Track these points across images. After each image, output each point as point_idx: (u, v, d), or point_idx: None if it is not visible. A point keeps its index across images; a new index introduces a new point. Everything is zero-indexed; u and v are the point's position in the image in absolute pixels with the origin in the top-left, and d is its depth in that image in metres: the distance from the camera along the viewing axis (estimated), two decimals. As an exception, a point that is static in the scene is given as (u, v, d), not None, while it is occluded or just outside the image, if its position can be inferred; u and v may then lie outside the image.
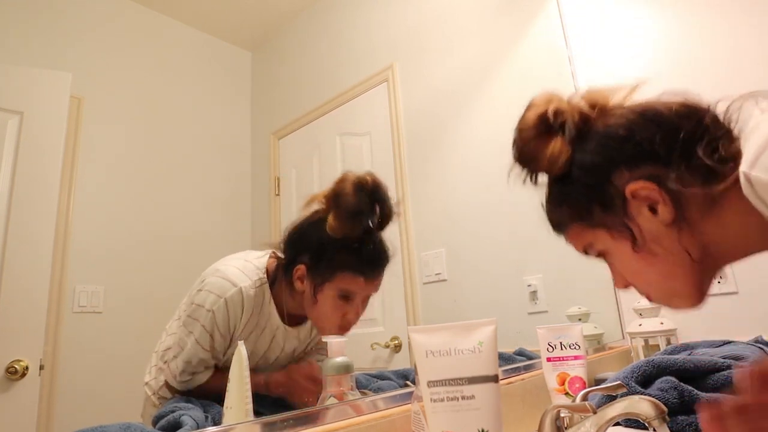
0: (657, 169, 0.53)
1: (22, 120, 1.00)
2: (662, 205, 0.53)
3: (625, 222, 0.56)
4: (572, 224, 0.62)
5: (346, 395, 0.69)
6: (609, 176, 0.56)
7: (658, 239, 0.55)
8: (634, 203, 0.55)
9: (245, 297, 0.85)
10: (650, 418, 0.50)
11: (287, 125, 1.71)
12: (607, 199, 0.57)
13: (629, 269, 0.60)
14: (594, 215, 0.58)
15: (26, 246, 0.96)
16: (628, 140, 0.55)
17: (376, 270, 0.87)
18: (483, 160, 1.57)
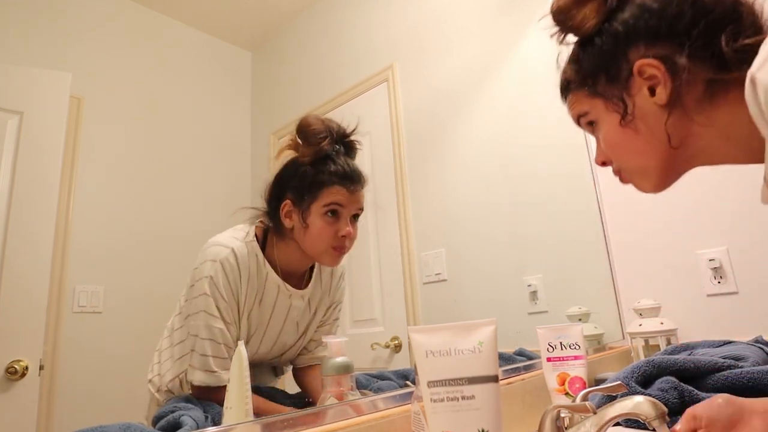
0: (672, 48, 0.54)
1: (22, 120, 1.00)
2: (662, 87, 0.55)
3: (623, 96, 0.58)
4: (576, 89, 0.64)
5: (346, 395, 0.69)
6: (626, 48, 0.57)
7: (646, 118, 0.57)
8: (638, 80, 0.56)
9: (239, 256, 0.87)
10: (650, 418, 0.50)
11: (287, 125, 1.71)
12: (614, 70, 0.58)
13: (611, 142, 0.62)
14: (598, 83, 0.60)
15: (26, 246, 0.96)
16: (657, 13, 0.56)
17: (354, 181, 0.91)
18: (483, 160, 1.57)
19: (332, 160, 0.90)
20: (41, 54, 1.10)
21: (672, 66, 0.54)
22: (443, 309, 1.50)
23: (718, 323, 1.23)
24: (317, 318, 1.00)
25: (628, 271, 1.41)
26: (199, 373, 0.82)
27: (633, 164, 0.62)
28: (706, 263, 1.24)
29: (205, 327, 0.83)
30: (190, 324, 0.85)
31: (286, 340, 0.96)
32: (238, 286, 0.86)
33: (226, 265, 0.85)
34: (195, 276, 0.86)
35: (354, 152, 0.95)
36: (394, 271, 1.54)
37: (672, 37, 0.54)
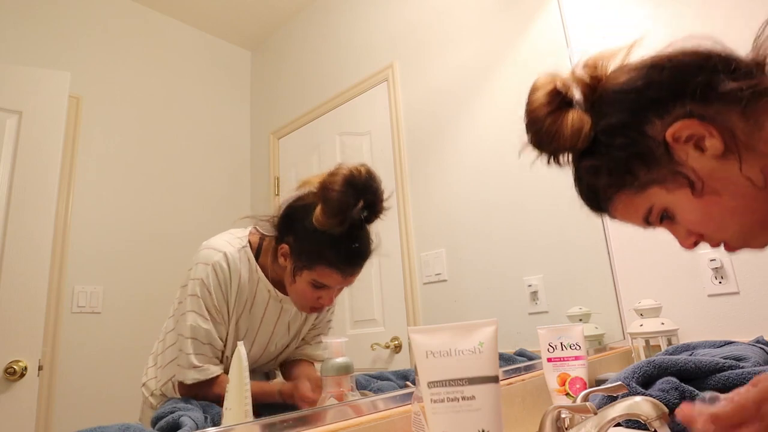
0: (688, 106, 0.51)
1: (20, 119, 1.00)
2: (709, 137, 0.50)
3: (677, 169, 0.52)
4: (618, 195, 0.58)
5: (346, 396, 0.69)
6: (641, 130, 0.53)
7: (716, 175, 0.51)
8: (679, 147, 0.52)
9: (231, 260, 0.86)
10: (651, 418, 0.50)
11: (287, 125, 1.71)
12: (648, 154, 0.53)
13: (696, 219, 0.54)
14: (639, 176, 0.54)
15: (25, 246, 0.95)
16: (649, 87, 0.54)
17: (354, 267, 0.88)
18: (483, 160, 1.56)
19: (342, 241, 0.83)
20: (40, 53, 1.10)
21: (702, 116, 0.50)
22: (443, 309, 1.50)
23: (719, 323, 1.22)
24: (309, 321, 1.01)
25: (628, 271, 1.41)
26: (186, 371, 0.83)
27: (734, 228, 0.54)
28: (707, 263, 1.24)
29: (191, 327, 0.83)
30: (179, 325, 0.86)
31: (277, 343, 0.97)
32: (229, 289, 0.86)
33: (217, 268, 0.85)
34: (188, 277, 0.87)
35: (376, 218, 0.89)
36: (394, 272, 1.54)
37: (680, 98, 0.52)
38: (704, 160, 0.51)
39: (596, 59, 0.60)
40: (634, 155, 0.54)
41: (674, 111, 0.52)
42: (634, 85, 0.55)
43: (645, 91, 0.54)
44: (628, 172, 0.55)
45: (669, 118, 0.52)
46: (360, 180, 0.84)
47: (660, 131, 0.52)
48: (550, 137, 0.58)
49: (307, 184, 0.88)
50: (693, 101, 0.51)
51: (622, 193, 0.57)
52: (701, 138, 0.51)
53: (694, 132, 0.51)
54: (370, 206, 0.86)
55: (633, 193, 0.56)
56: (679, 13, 1.41)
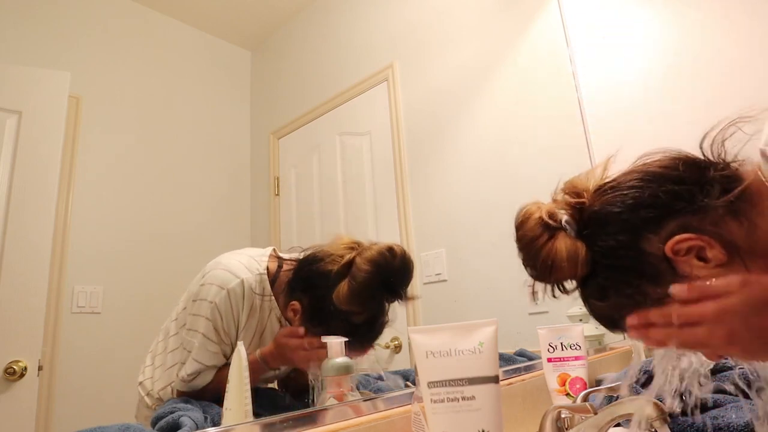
0: (681, 220, 0.52)
1: (20, 119, 1.00)
2: (709, 248, 0.51)
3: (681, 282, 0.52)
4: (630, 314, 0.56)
5: (346, 396, 0.69)
6: (639, 248, 0.53)
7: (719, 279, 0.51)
8: (681, 260, 0.52)
9: (246, 288, 0.85)
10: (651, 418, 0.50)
11: (287, 125, 1.71)
12: (650, 270, 0.53)
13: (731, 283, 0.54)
14: (649, 293, 0.53)
15: (24, 246, 0.95)
16: (640, 206, 0.54)
17: (365, 348, 0.85)
18: (483, 160, 1.56)
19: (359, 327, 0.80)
20: (40, 53, 1.10)
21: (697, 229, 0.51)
22: (443, 309, 1.50)
23: (719, 323, 1.22)
24: None
25: (628, 271, 1.41)
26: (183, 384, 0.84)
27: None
28: (707, 263, 1.24)
29: (200, 348, 0.83)
30: (186, 339, 0.86)
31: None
32: (240, 317, 0.86)
33: (232, 295, 0.84)
34: (200, 294, 0.85)
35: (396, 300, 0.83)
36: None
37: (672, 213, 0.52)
38: (709, 270, 0.51)
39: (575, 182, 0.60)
40: (638, 273, 0.54)
41: (668, 226, 0.52)
42: (624, 205, 0.55)
43: (636, 210, 0.54)
44: (638, 292, 0.54)
45: (664, 233, 0.52)
46: (394, 266, 0.80)
47: (657, 247, 0.52)
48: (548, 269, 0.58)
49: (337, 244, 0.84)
50: (684, 214, 0.52)
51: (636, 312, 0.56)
52: (701, 249, 0.51)
53: (693, 245, 0.51)
54: (397, 294, 0.82)
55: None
56: (679, 13, 1.41)
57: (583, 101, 1.59)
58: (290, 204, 1.62)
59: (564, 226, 0.58)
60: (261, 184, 1.58)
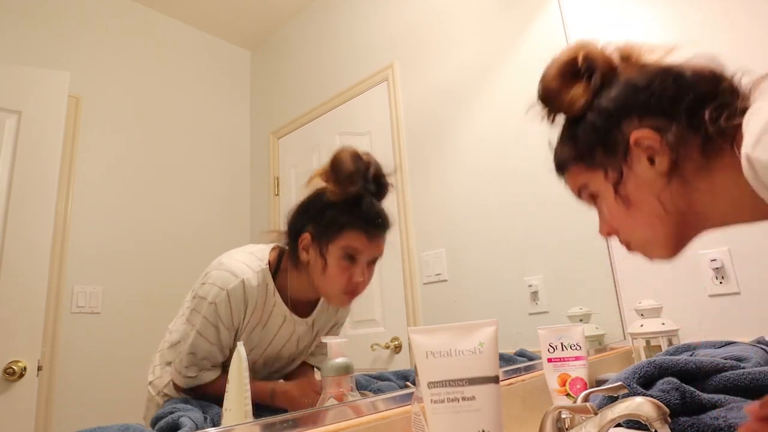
0: (663, 122, 0.55)
1: (20, 119, 1.00)
2: (660, 155, 0.55)
3: (622, 166, 0.59)
4: (574, 164, 0.65)
5: (346, 396, 0.69)
6: (620, 122, 0.58)
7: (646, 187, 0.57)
8: (636, 151, 0.57)
9: (247, 288, 0.86)
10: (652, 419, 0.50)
11: (287, 125, 1.71)
12: (611, 143, 0.59)
13: (615, 214, 0.62)
14: (596, 156, 0.61)
15: (24, 246, 0.95)
16: (645, 90, 0.58)
17: (377, 229, 0.90)
18: (484, 160, 1.56)
19: (358, 204, 0.88)
20: (39, 53, 1.10)
21: (667, 136, 0.55)
22: (444, 309, 1.50)
23: (720, 324, 1.22)
24: (318, 337, 1.01)
25: (629, 271, 1.41)
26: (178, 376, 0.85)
27: (639, 235, 0.62)
28: (708, 263, 1.24)
29: (193, 342, 0.84)
30: (184, 336, 0.86)
31: (285, 358, 0.97)
32: (241, 316, 0.86)
33: (232, 296, 0.85)
34: (201, 293, 0.86)
35: (384, 194, 0.93)
36: (394, 272, 1.54)
37: (661, 110, 0.56)
38: (648, 172, 0.57)
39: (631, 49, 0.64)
40: (602, 139, 0.60)
41: (650, 120, 0.57)
42: (636, 83, 0.59)
43: (640, 93, 0.58)
44: (590, 151, 0.62)
45: (644, 123, 0.57)
46: (362, 156, 0.90)
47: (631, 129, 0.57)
48: (552, 97, 0.65)
49: (313, 178, 0.90)
50: (668, 119, 0.55)
51: (577, 164, 0.64)
52: (655, 153, 0.56)
53: (651, 145, 0.56)
54: (375, 179, 0.91)
55: (583, 168, 0.63)
56: (679, 13, 1.41)
57: (583, 101, 1.58)
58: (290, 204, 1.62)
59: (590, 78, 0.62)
60: (261, 184, 1.58)
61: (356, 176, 0.87)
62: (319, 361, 1.02)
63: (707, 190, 0.55)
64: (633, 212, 0.59)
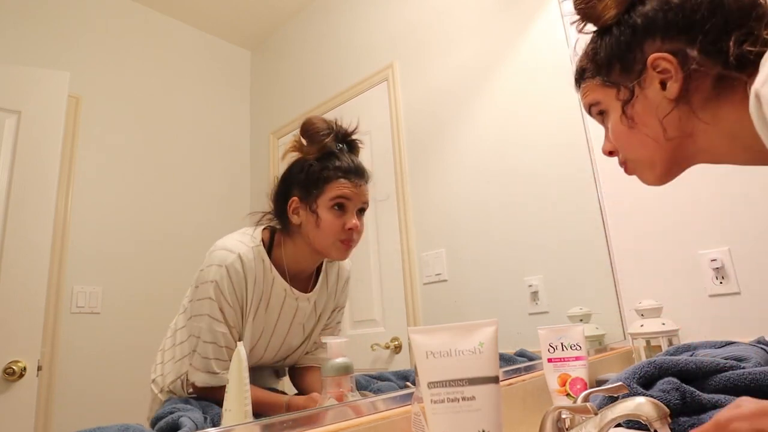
0: (685, 42, 0.55)
1: (19, 119, 1.00)
2: (673, 81, 0.56)
3: (635, 87, 0.59)
4: (590, 77, 0.65)
5: (346, 396, 0.69)
6: (643, 40, 0.58)
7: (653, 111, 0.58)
8: (651, 73, 0.57)
9: (245, 261, 0.87)
10: (652, 419, 0.50)
11: (286, 124, 1.71)
12: (629, 62, 0.60)
13: (618, 133, 0.63)
14: (612, 73, 0.62)
15: (24, 246, 0.95)
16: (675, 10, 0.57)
17: (359, 175, 0.93)
18: (484, 160, 1.56)
19: (336, 156, 0.92)
20: (39, 53, 1.10)
21: (684, 60, 0.55)
22: (444, 309, 1.49)
23: (720, 324, 1.22)
24: (322, 321, 1.01)
25: (629, 271, 1.41)
26: (202, 374, 0.83)
27: (636, 155, 0.64)
28: (708, 263, 1.24)
29: (208, 330, 0.83)
30: (193, 326, 0.86)
31: (291, 343, 0.97)
32: (243, 291, 0.87)
33: (231, 270, 0.85)
34: (200, 278, 0.86)
35: (357, 150, 0.98)
36: (394, 272, 1.54)
37: (687, 30, 0.56)
38: (658, 95, 0.57)
39: None
40: (622, 55, 0.60)
41: (673, 41, 0.56)
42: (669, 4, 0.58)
43: (669, 12, 0.57)
44: (608, 66, 0.62)
45: (666, 45, 0.57)
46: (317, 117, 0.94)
47: (652, 51, 0.57)
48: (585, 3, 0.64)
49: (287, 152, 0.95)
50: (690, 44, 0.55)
51: (593, 79, 0.65)
52: (668, 78, 0.56)
53: (666, 68, 0.56)
54: (345, 137, 0.95)
55: (598, 83, 0.64)
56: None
57: (583, 101, 1.58)
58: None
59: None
60: (261, 183, 1.58)
61: (327, 132, 0.92)
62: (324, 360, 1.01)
63: (711, 122, 0.55)
64: (635, 133, 0.61)
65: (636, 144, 0.62)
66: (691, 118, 0.56)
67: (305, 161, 0.92)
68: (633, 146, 0.63)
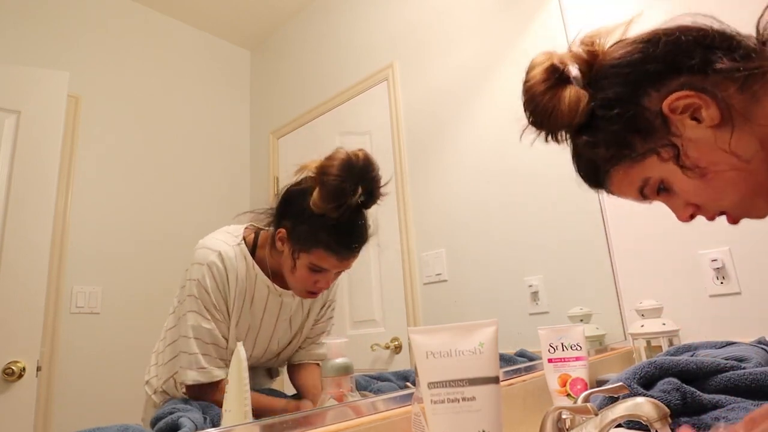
0: (685, 78, 0.51)
1: (19, 119, 0.99)
2: (705, 108, 0.51)
3: (673, 141, 0.53)
4: (615, 168, 0.58)
5: (346, 397, 0.69)
6: (638, 102, 0.54)
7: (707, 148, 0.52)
8: (676, 118, 0.52)
9: (226, 259, 0.87)
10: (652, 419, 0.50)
11: (286, 124, 1.71)
12: (645, 125, 0.54)
13: (692, 189, 0.54)
14: (636, 146, 0.55)
15: (23, 246, 0.95)
16: (647, 61, 0.54)
17: (351, 251, 0.88)
18: (484, 160, 1.56)
19: (339, 226, 0.84)
20: (39, 53, 1.10)
21: (696, 86, 0.51)
22: (444, 310, 1.49)
23: (721, 324, 1.22)
24: (311, 317, 1.00)
25: (629, 271, 1.40)
26: (189, 372, 0.83)
27: (731, 198, 0.54)
28: (709, 263, 1.24)
29: (193, 327, 0.84)
30: (180, 325, 0.86)
31: (280, 339, 0.96)
32: (226, 288, 0.87)
33: (213, 268, 0.86)
34: (185, 277, 0.87)
35: (372, 203, 0.89)
36: (394, 272, 1.54)
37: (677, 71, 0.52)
38: (701, 131, 0.52)
39: (593, 35, 0.60)
40: (631, 127, 0.54)
41: (671, 83, 0.53)
42: (631, 58, 0.55)
43: (642, 65, 0.54)
44: (626, 144, 0.55)
45: (665, 90, 0.53)
46: (357, 165, 0.84)
47: (657, 103, 0.53)
48: (547, 114, 0.58)
49: (305, 169, 0.88)
50: (690, 74, 0.52)
51: (620, 165, 0.57)
52: (698, 109, 0.51)
53: (690, 103, 0.51)
54: (367, 192, 0.86)
55: (629, 165, 0.56)
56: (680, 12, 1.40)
57: (583, 101, 1.58)
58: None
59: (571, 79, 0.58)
60: (261, 183, 1.58)
61: (343, 197, 0.81)
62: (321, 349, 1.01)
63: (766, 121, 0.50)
64: (712, 177, 0.53)
65: (722, 187, 0.53)
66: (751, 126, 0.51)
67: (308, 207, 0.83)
68: (721, 191, 0.54)
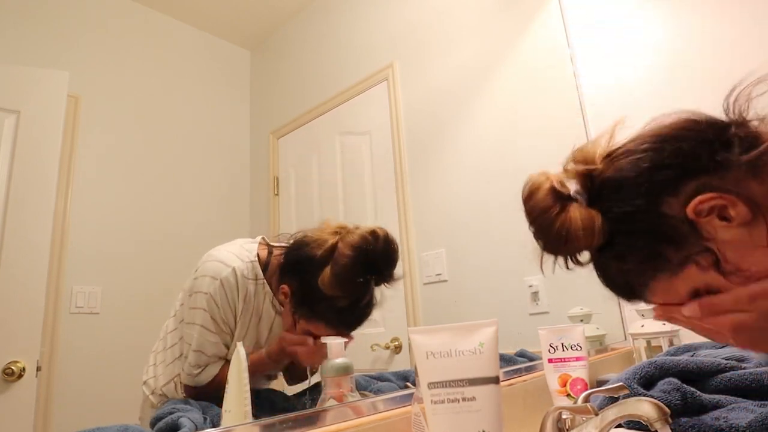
0: (701, 180, 0.50)
1: (18, 119, 0.99)
2: (732, 207, 0.48)
3: (705, 245, 0.50)
4: (654, 282, 0.54)
5: (346, 397, 0.69)
6: (659, 212, 0.51)
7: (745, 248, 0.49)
8: (703, 220, 0.49)
9: (239, 276, 0.87)
10: (653, 420, 0.50)
11: (286, 124, 1.71)
12: (673, 234, 0.51)
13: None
14: (670, 258, 0.51)
15: (23, 246, 0.95)
16: (657, 168, 0.52)
17: (351, 329, 0.87)
18: (484, 159, 1.56)
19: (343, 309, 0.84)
20: (38, 53, 1.10)
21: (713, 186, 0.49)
22: (444, 310, 1.49)
23: (720, 324, 1.22)
24: None
25: (629, 271, 1.40)
26: (186, 377, 0.86)
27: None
28: (708, 263, 1.23)
29: (199, 339, 0.85)
30: (185, 332, 0.87)
31: None
32: (236, 305, 0.87)
33: (225, 284, 0.86)
34: (194, 287, 0.87)
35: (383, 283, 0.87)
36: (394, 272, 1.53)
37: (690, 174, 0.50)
38: (733, 230, 0.49)
39: (585, 150, 0.58)
40: (661, 238, 0.52)
41: (687, 187, 0.50)
42: (640, 168, 0.53)
43: (653, 173, 0.52)
44: (659, 257, 0.52)
45: (683, 195, 0.50)
46: (376, 250, 0.82)
47: (678, 209, 0.50)
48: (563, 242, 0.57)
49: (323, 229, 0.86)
50: (704, 175, 0.50)
51: (658, 279, 0.54)
52: (723, 208, 0.49)
53: (715, 204, 0.49)
54: (381, 276, 0.85)
55: (669, 277, 0.53)
56: (680, 12, 1.41)
57: (584, 101, 1.58)
58: (290, 204, 1.62)
59: (575, 196, 0.56)
60: (261, 183, 1.58)
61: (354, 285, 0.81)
62: None
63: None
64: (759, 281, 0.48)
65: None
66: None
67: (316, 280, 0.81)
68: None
